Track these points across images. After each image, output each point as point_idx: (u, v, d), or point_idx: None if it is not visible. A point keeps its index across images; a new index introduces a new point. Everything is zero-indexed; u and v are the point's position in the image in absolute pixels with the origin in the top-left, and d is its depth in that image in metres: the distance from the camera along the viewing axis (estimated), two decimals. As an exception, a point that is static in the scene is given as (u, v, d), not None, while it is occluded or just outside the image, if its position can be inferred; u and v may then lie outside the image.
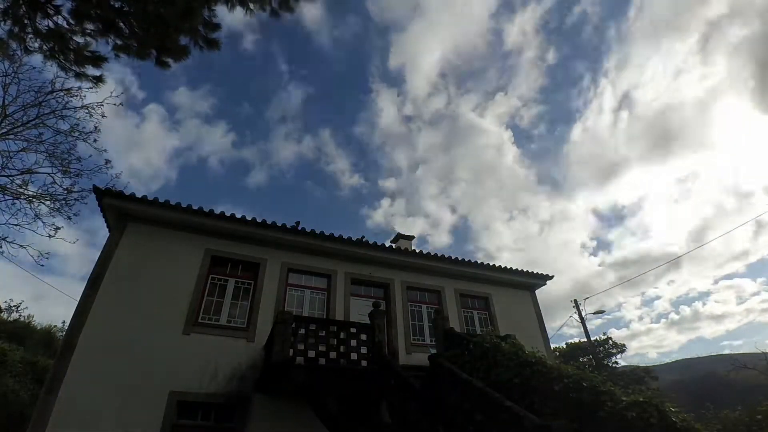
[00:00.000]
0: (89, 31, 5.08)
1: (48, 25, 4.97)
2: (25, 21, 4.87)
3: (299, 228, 10.25)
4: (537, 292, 13.75)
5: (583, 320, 22.02)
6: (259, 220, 9.88)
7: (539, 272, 13.43)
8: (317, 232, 10.42)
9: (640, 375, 26.03)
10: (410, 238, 15.17)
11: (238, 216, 9.66)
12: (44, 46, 5.10)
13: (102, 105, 12.45)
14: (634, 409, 5.41)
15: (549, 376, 6.43)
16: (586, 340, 23.30)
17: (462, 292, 12.23)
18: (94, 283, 8.10)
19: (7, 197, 12.03)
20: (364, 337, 7.96)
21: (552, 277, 13.56)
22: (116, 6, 4.94)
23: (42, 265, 13.62)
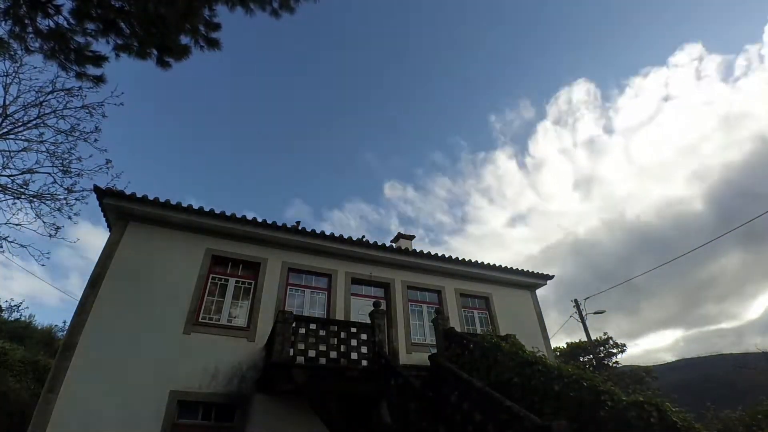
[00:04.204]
0: (90, 31, 5.09)
1: (49, 25, 4.98)
2: (26, 21, 4.88)
3: (299, 228, 10.25)
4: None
5: (583, 320, 22.02)
6: (259, 219, 9.89)
7: (539, 272, 13.44)
8: (317, 231, 10.43)
9: (641, 375, 26.01)
10: (410, 237, 15.16)
11: (239, 216, 9.67)
12: (45, 46, 5.10)
13: (103, 105, 12.47)
14: (634, 409, 5.43)
15: (549, 375, 6.45)
16: (586, 339, 23.29)
17: (462, 292, 12.23)
18: (94, 282, 8.10)
19: (8, 197, 12.05)
20: (364, 336, 7.97)
21: (552, 276, 13.56)
22: (117, 6, 4.95)
23: (43, 265, 13.66)
